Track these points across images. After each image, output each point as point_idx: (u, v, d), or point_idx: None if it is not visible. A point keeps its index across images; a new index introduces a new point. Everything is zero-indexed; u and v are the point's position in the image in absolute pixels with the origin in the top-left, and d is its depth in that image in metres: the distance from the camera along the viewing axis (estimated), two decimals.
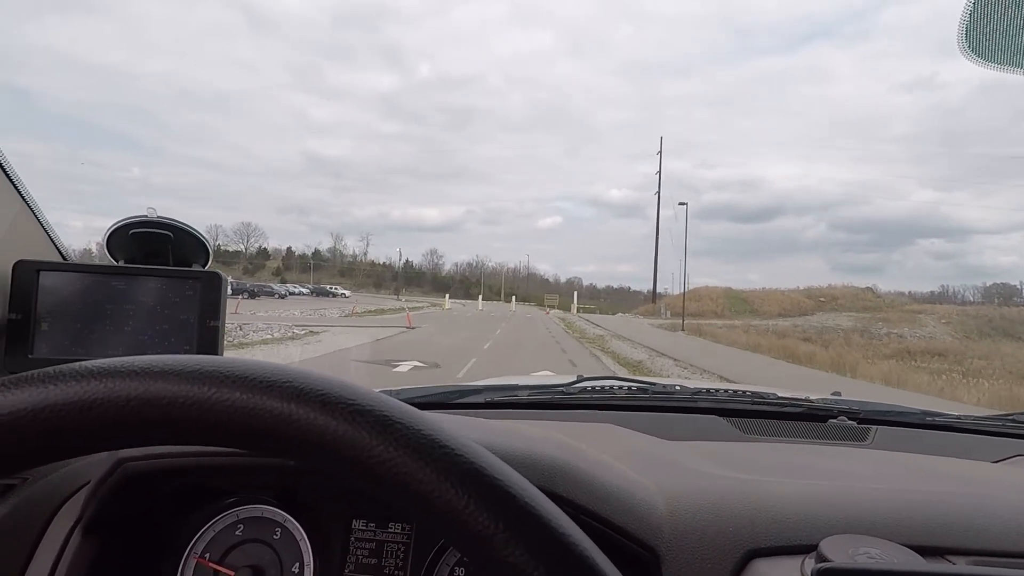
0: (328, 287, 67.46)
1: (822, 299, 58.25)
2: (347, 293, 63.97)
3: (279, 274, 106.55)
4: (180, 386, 0.29)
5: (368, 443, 0.29)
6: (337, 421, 0.29)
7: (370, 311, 31.56)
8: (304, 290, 61.70)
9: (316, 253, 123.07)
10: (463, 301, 66.72)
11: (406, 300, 61.85)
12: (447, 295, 48.40)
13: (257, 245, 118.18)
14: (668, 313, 49.96)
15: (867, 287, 63.69)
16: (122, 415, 0.28)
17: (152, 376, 0.29)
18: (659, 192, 57.70)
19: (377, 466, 0.29)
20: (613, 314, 55.65)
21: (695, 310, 56.58)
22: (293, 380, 0.30)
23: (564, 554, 0.29)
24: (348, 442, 0.29)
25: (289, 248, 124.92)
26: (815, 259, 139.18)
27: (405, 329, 19.03)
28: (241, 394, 0.29)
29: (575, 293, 53.60)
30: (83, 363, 0.29)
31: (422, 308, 44.69)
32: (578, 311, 46.95)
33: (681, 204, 29.89)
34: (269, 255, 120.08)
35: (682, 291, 70.33)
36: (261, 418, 0.29)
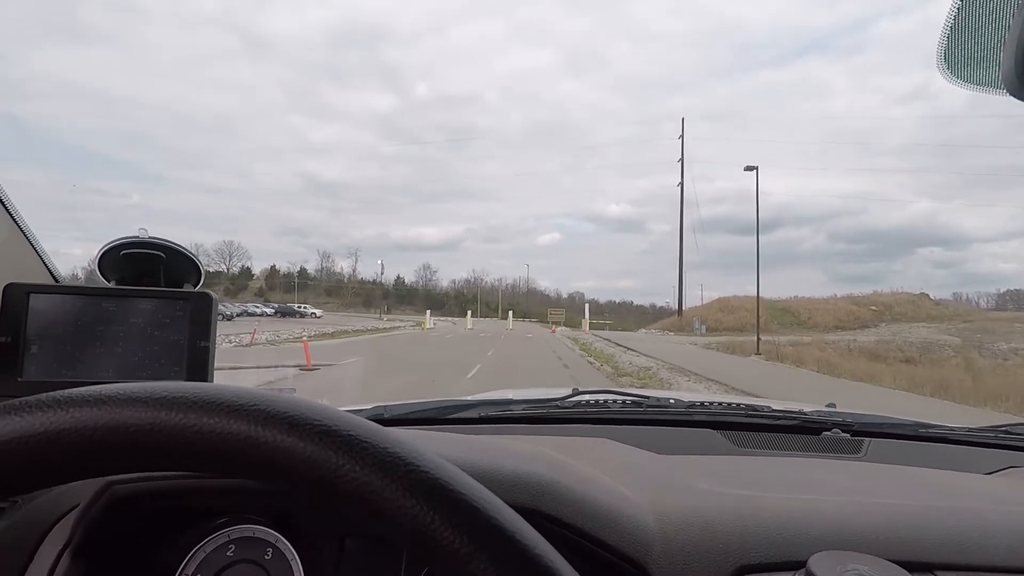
0: (295, 306, 58.17)
1: (873, 308, 49.73)
2: (317, 312, 55.10)
3: (262, 294, 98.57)
4: (146, 412, 0.29)
5: (335, 462, 0.29)
6: (304, 442, 0.29)
7: (280, 338, 22.72)
8: (268, 309, 52.98)
9: (302, 272, 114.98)
10: (454, 319, 58.06)
11: (388, 319, 53.84)
12: (428, 312, 39.83)
13: (240, 264, 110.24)
14: (704, 328, 41.38)
15: (921, 293, 55.19)
16: (89, 444, 0.28)
17: (117, 404, 0.29)
18: (682, 184, 49.50)
19: (344, 484, 0.29)
20: (634, 330, 46.80)
21: (732, 323, 47.62)
22: (259, 403, 0.30)
23: (527, 565, 0.29)
24: (315, 462, 0.29)
25: (273, 267, 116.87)
26: (814, 270, 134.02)
27: (299, 372, 10.30)
28: (208, 418, 0.29)
29: (586, 306, 44.65)
30: (49, 394, 0.30)
31: (398, 328, 36.48)
32: (590, 328, 38.11)
33: (748, 169, 21.38)
34: (253, 275, 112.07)
35: (701, 302, 61.65)
36: (229, 442, 0.29)
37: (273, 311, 52.59)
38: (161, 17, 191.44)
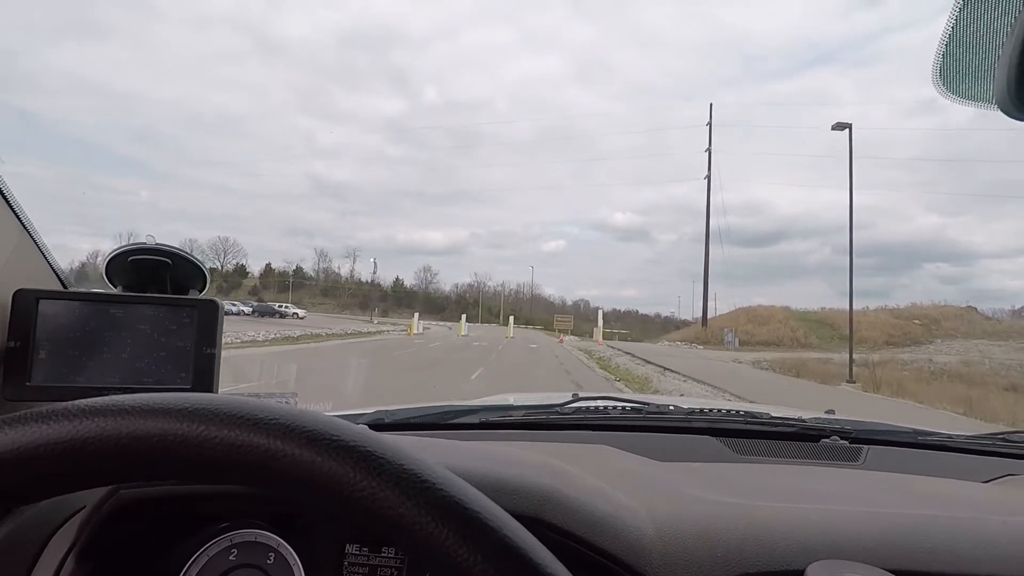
0: (276, 305, 53.07)
1: (917, 321, 44.52)
2: (300, 313, 50.27)
3: (256, 293, 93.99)
4: (170, 423, 0.29)
5: (352, 478, 0.30)
6: (323, 457, 0.30)
7: None
8: (245, 308, 48.09)
9: (298, 271, 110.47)
10: (450, 324, 53.20)
11: (378, 322, 49.20)
12: (416, 315, 34.98)
13: (235, 262, 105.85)
14: (736, 340, 36.25)
15: (968, 306, 49.95)
16: (114, 452, 0.29)
17: (143, 414, 0.30)
18: (709, 177, 44.62)
19: (361, 500, 0.30)
20: (653, 342, 41.67)
21: (764, 336, 41.80)
22: (280, 417, 0.31)
23: None
24: (333, 477, 0.30)
25: (268, 265, 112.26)
26: (820, 283, 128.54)
27: None
28: (229, 431, 0.30)
29: (599, 313, 39.57)
30: (76, 402, 0.30)
31: (384, 333, 31.79)
32: (604, 338, 33.09)
33: (838, 127, 16.45)
34: (247, 272, 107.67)
35: (715, 312, 56.33)
36: (249, 454, 0.29)
37: (251, 310, 47.74)
38: (173, 16, 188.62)
